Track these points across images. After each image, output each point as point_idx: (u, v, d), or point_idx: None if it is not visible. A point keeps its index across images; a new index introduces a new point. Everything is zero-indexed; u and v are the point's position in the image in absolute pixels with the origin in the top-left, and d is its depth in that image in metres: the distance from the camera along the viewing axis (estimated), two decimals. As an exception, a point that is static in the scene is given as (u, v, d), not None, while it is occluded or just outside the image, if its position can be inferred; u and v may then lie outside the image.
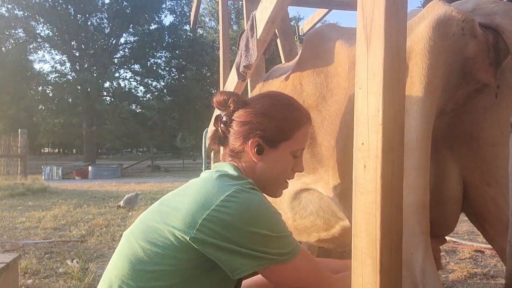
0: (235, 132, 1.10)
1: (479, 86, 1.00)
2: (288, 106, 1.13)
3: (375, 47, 0.74)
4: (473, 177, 1.04)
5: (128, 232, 1.07)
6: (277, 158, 1.09)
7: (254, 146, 1.08)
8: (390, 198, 0.74)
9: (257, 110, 1.10)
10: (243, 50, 1.82)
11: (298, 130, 1.10)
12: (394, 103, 0.74)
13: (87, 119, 27.30)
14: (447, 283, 2.52)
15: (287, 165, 1.11)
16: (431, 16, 0.97)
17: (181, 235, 0.93)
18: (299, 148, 1.11)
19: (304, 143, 1.14)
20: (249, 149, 1.09)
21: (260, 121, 1.08)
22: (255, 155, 1.09)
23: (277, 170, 1.10)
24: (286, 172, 1.12)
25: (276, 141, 1.08)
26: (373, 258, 0.75)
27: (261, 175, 1.10)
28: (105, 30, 30.25)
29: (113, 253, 1.09)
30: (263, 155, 1.09)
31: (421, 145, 0.93)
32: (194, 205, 0.95)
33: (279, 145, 1.09)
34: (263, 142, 1.08)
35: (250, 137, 1.08)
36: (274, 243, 0.94)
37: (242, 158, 1.11)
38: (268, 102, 1.12)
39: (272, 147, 1.08)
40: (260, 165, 1.10)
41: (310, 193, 1.47)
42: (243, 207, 0.93)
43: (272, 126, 1.08)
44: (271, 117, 1.09)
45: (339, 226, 1.44)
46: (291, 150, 1.10)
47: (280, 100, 1.14)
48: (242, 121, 1.10)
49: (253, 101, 1.13)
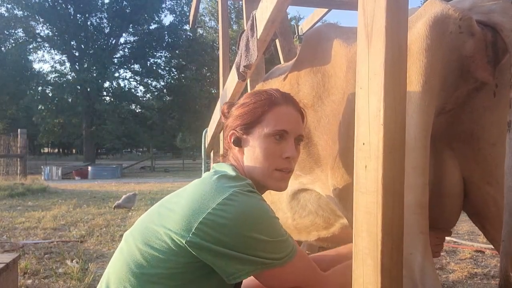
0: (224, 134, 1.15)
1: (478, 85, 1.00)
2: (258, 92, 1.14)
3: (376, 46, 0.74)
4: (473, 176, 1.04)
5: (128, 234, 1.06)
6: (255, 144, 1.07)
7: (231, 139, 1.10)
8: (391, 198, 0.74)
9: (236, 106, 1.14)
10: (243, 50, 1.82)
11: (269, 111, 1.07)
12: (395, 103, 0.74)
13: (87, 119, 27.29)
14: (447, 283, 2.51)
15: (269, 150, 1.06)
16: (428, 15, 0.97)
17: (178, 239, 0.92)
18: (276, 129, 1.05)
19: (282, 124, 1.06)
20: (230, 143, 1.11)
21: (235, 114, 1.11)
22: (235, 148, 1.10)
23: (261, 159, 1.06)
24: (274, 160, 1.06)
25: (248, 126, 1.08)
26: (374, 258, 0.75)
27: (249, 168, 1.09)
28: (105, 30, 30.24)
29: (112, 253, 1.08)
30: (242, 145, 1.09)
31: (419, 145, 0.93)
32: (190, 207, 0.94)
33: (252, 130, 1.08)
34: (238, 132, 1.09)
35: (229, 131, 1.11)
36: (270, 247, 0.93)
37: (230, 155, 1.13)
38: (244, 95, 1.16)
39: (247, 134, 1.08)
40: (245, 158, 1.10)
41: (308, 193, 1.47)
42: (239, 211, 0.91)
43: (243, 113, 1.09)
44: (243, 106, 1.11)
45: (339, 224, 1.44)
46: (266, 133, 1.05)
47: (254, 90, 1.18)
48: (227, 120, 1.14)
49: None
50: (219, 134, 3.19)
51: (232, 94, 2.25)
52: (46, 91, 29.55)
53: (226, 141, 1.14)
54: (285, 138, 1.07)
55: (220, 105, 2.80)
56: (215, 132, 3.21)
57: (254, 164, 1.07)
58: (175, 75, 32.71)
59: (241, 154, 1.10)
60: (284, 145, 1.07)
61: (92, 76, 26.65)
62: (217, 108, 2.99)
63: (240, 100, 1.16)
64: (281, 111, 1.08)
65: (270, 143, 1.06)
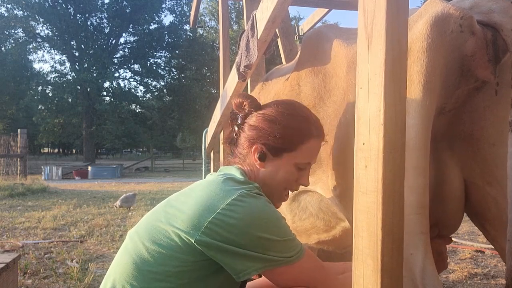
0: (244, 135, 1.11)
1: (479, 84, 0.99)
2: (298, 116, 1.10)
3: (376, 47, 0.74)
4: (473, 176, 1.04)
5: (133, 232, 1.07)
6: (279, 167, 1.08)
7: (257, 152, 1.08)
8: (392, 198, 0.74)
9: (266, 117, 1.09)
10: (243, 50, 1.82)
11: (304, 143, 1.08)
12: (395, 103, 0.74)
13: (87, 119, 27.28)
14: (447, 283, 2.51)
15: (289, 176, 1.09)
16: (429, 14, 0.97)
17: (186, 237, 0.93)
18: (304, 162, 1.09)
19: (311, 158, 1.11)
20: (252, 154, 1.09)
21: (266, 127, 1.07)
22: (257, 161, 1.09)
23: (278, 180, 1.09)
24: (288, 183, 1.11)
25: (279, 150, 1.07)
26: (374, 258, 0.75)
27: (263, 181, 1.10)
28: (105, 30, 30.22)
29: (113, 253, 1.09)
30: (265, 162, 1.08)
31: (420, 145, 0.93)
32: (199, 207, 0.95)
33: (281, 155, 1.08)
34: (266, 149, 1.07)
35: (255, 143, 1.08)
36: (279, 247, 0.94)
37: (247, 161, 1.12)
38: (279, 109, 1.10)
39: (275, 156, 1.08)
40: (262, 171, 1.10)
41: (309, 195, 1.47)
42: (248, 211, 0.93)
43: (277, 134, 1.06)
44: (278, 124, 1.07)
45: (339, 227, 1.44)
46: (294, 162, 1.08)
47: (292, 109, 1.11)
48: (252, 125, 1.10)
49: (267, 106, 1.13)
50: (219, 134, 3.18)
51: (232, 94, 2.25)
52: (46, 91, 29.55)
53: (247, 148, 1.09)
54: (306, 167, 1.12)
55: (220, 105, 2.79)
56: (215, 132, 3.21)
57: (270, 181, 1.09)
58: (175, 75, 32.70)
59: (260, 166, 1.10)
60: (302, 173, 1.11)
61: (92, 76, 26.62)
62: (217, 108, 2.99)
63: (271, 111, 1.09)
64: (314, 145, 1.11)
65: (293, 171, 1.10)
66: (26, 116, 29.84)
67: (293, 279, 0.98)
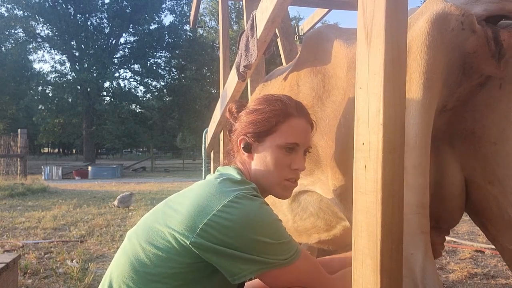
0: (233, 135, 1.14)
1: (482, 80, 0.99)
2: (272, 99, 1.11)
3: (376, 46, 0.74)
4: (475, 175, 1.04)
5: (132, 232, 1.07)
6: (265, 154, 1.08)
7: (241, 144, 1.10)
8: (391, 198, 0.74)
9: (247, 110, 1.13)
10: (243, 50, 1.82)
11: (283, 122, 1.07)
12: (394, 103, 0.74)
13: (87, 119, 27.29)
14: (447, 283, 2.51)
15: (279, 161, 1.07)
16: (430, 12, 0.97)
17: (182, 239, 0.93)
18: (288, 142, 1.07)
19: (296, 138, 1.08)
20: (239, 149, 1.11)
21: (246, 119, 1.10)
22: (244, 154, 1.10)
23: (270, 168, 1.08)
24: (282, 169, 1.08)
25: (260, 135, 1.08)
26: (374, 258, 0.75)
27: (257, 174, 1.10)
28: (105, 30, 30.22)
29: (113, 253, 1.09)
30: (252, 151, 1.10)
31: (420, 144, 0.93)
32: (195, 209, 0.94)
33: (264, 139, 1.08)
34: (249, 138, 1.09)
35: (239, 136, 1.11)
36: (275, 249, 0.94)
37: (238, 158, 1.13)
38: (256, 100, 1.14)
39: (258, 142, 1.08)
40: (253, 165, 1.10)
41: (309, 194, 1.47)
42: (244, 214, 0.92)
43: (256, 120, 1.08)
44: (256, 112, 1.10)
45: (340, 227, 1.44)
46: (277, 144, 1.07)
47: (267, 96, 1.15)
48: (237, 123, 1.13)
49: (249, 104, 1.16)
50: (219, 134, 3.19)
51: (232, 94, 2.25)
52: (46, 91, 29.57)
53: (235, 145, 1.13)
54: (295, 150, 1.09)
55: (220, 105, 2.80)
56: (215, 132, 3.21)
57: (263, 171, 1.09)
58: (175, 75, 32.70)
59: (249, 159, 1.11)
60: (293, 156, 1.09)
61: (92, 76, 26.63)
62: (217, 108, 2.99)
63: (252, 105, 1.14)
64: (295, 123, 1.09)
65: (280, 154, 1.07)
66: (26, 116, 29.85)
67: (289, 282, 0.97)
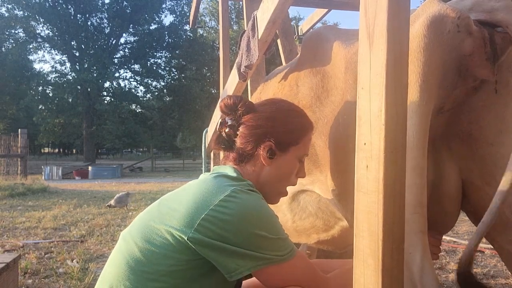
0: (245, 136, 1.09)
1: (477, 84, 1.00)
2: (294, 111, 1.16)
3: (378, 47, 0.74)
4: (472, 176, 1.04)
5: (126, 232, 1.06)
6: (285, 162, 1.11)
7: (267, 150, 1.08)
8: (393, 198, 0.74)
9: (266, 115, 1.10)
10: (244, 50, 1.82)
11: (305, 135, 1.14)
12: (396, 103, 0.74)
13: (87, 119, 27.29)
14: (447, 283, 2.52)
15: (292, 170, 1.13)
16: (426, 14, 0.98)
17: (179, 235, 0.93)
18: (304, 153, 1.15)
19: (308, 149, 1.17)
20: (261, 153, 1.08)
21: (271, 125, 1.09)
22: (266, 159, 1.08)
23: (282, 175, 1.12)
24: (290, 177, 1.14)
25: (287, 145, 1.10)
26: (375, 258, 0.75)
27: (266, 180, 1.10)
28: (105, 30, 30.22)
29: (113, 253, 1.08)
30: (273, 159, 1.09)
31: (417, 144, 0.93)
32: (192, 205, 0.95)
33: (288, 149, 1.10)
34: (275, 145, 1.09)
35: (263, 141, 1.08)
36: (271, 245, 0.94)
37: (250, 161, 1.10)
38: (273, 107, 1.14)
39: (282, 151, 1.10)
40: (267, 169, 1.10)
41: (308, 194, 1.47)
42: (241, 208, 0.93)
43: (282, 130, 1.10)
44: (279, 121, 1.11)
45: (338, 227, 1.44)
46: (298, 155, 1.13)
47: (286, 105, 1.17)
48: (254, 125, 1.09)
49: (259, 106, 1.14)
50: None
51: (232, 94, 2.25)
52: (46, 91, 29.57)
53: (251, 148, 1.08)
54: (303, 160, 1.17)
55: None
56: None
57: (276, 177, 1.11)
58: (175, 75, 32.71)
59: (267, 164, 1.09)
60: (301, 165, 1.16)
61: (92, 76, 26.63)
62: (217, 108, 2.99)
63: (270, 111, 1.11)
64: (310, 136, 1.17)
65: (296, 164, 1.14)
66: (26, 116, 29.85)
67: (284, 279, 0.98)
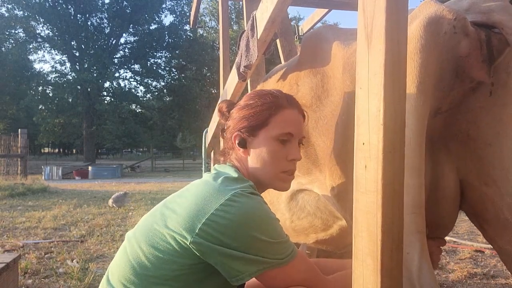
0: (227, 133, 1.14)
1: (474, 85, 1.00)
2: (263, 93, 1.13)
3: (376, 47, 0.74)
4: (470, 177, 1.04)
5: (130, 235, 1.06)
6: (261, 147, 1.08)
7: (236, 140, 1.10)
8: (391, 198, 0.74)
9: (238, 107, 1.13)
10: (243, 50, 1.82)
11: (275, 114, 1.08)
12: (395, 103, 0.74)
13: (87, 119, 27.29)
14: (447, 283, 2.52)
15: (275, 153, 1.07)
16: (423, 15, 0.98)
17: (182, 240, 0.93)
18: (282, 132, 1.08)
19: (290, 128, 1.09)
20: (234, 145, 1.11)
21: (239, 114, 1.11)
22: (240, 150, 1.10)
23: (266, 160, 1.08)
24: (278, 161, 1.08)
25: (255, 129, 1.09)
26: (374, 258, 0.75)
27: (254, 169, 1.10)
28: (105, 30, 30.22)
29: (113, 253, 1.09)
30: (247, 147, 1.10)
31: (415, 145, 0.93)
32: (193, 209, 0.94)
33: (258, 133, 1.09)
34: (244, 133, 1.09)
35: (233, 133, 1.11)
36: (272, 248, 0.94)
37: (233, 155, 1.13)
38: (247, 96, 1.15)
39: (253, 136, 1.09)
40: (249, 159, 1.10)
41: (307, 193, 1.47)
42: (241, 212, 0.92)
43: (249, 115, 1.09)
44: (247, 107, 1.11)
45: (337, 226, 1.44)
46: (272, 136, 1.07)
47: (257, 91, 1.16)
48: (230, 121, 1.14)
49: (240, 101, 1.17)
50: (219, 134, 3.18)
51: (232, 94, 2.25)
52: (46, 91, 29.57)
53: (230, 142, 1.13)
54: (290, 141, 1.10)
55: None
56: (215, 132, 3.21)
57: (260, 165, 1.09)
58: (175, 75, 32.70)
59: (245, 155, 1.11)
60: (289, 147, 1.09)
61: (92, 76, 26.63)
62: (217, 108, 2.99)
63: (243, 101, 1.15)
64: (287, 114, 1.10)
65: (276, 146, 1.08)
66: (26, 116, 29.86)
67: (285, 281, 0.97)
